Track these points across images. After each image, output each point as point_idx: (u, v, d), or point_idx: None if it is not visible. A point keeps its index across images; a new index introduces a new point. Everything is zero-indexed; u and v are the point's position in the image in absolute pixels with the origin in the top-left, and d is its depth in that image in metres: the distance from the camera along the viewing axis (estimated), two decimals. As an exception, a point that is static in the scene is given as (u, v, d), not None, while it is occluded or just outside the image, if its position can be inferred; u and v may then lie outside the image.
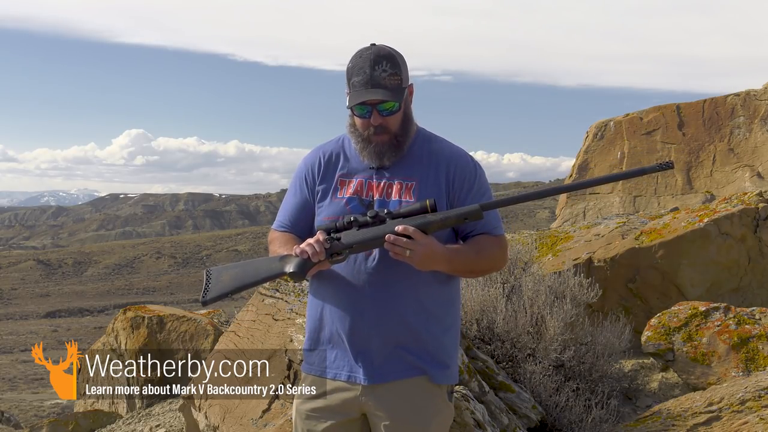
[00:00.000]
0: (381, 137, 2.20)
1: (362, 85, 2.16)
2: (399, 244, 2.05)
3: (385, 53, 2.18)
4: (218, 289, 2.21)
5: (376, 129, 2.19)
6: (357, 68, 2.18)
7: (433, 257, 2.07)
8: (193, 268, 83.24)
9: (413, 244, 2.04)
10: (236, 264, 2.28)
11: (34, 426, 7.66)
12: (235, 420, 3.65)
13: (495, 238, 2.24)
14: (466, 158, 2.28)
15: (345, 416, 2.26)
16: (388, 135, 2.20)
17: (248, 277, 2.23)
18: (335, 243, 2.13)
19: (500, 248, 2.24)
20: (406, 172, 2.24)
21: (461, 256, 2.16)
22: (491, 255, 2.22)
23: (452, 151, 2.29)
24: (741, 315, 4.50)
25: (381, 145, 2.20)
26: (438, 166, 2.24)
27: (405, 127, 2.23)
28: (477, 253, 2.18)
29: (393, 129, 2.21)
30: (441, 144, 2.30)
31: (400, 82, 2.19)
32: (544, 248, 5.99)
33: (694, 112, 10.17)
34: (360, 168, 2.27)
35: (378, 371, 2.20)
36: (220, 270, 2.25)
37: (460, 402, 3.28)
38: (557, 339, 4.16)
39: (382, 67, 2.16)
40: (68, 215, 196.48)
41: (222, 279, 2.21)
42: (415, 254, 2.05)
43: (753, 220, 5.47)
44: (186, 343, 7.06)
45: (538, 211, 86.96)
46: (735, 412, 3.58)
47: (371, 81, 2.15)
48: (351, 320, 2.20)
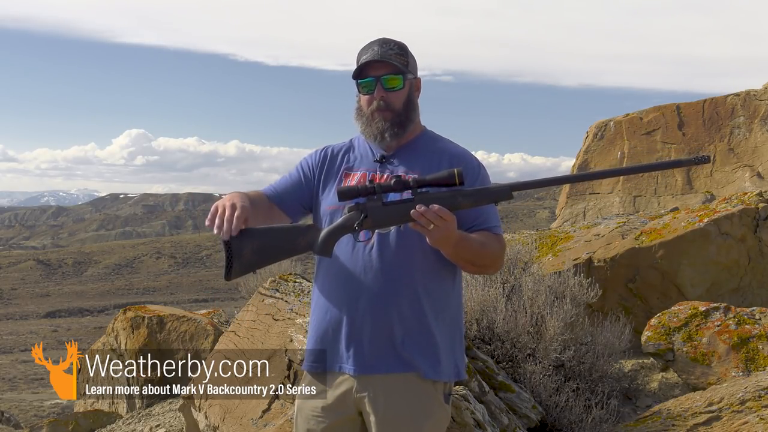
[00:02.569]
0: (384, 113, 2.25)
1: (368, 61, 2.24)
2: (428, 216, 2.02)
3: (393, 40, 2.30)
4: (241, 266, 2.12)
5: (380, 104, 2.25)
6: (365, 49, 2.28)
7: (449, 239, 2.07)
8: (193, 268, 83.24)
9: (441, 221, 2.02)
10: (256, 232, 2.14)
11: (34, 426, 7.66)
12: (235, 420, 3.65)
13: (496, 236, 2.24)
14: (470, 158, 2.32)
15: (343, 414, 2.27)
16: (391, 112, 2.26)
17: (272, 252, 2.15)
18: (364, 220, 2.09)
19: (501, 247, 2.25)
20: (409, 164, 2.27)
21: (469, 242, 2.15)
22: (493, 251, 2.22)
23: (457, 150, 2.33)
24: (741, 315, 4.50)
25: (384, 121, 2.25)
26: (441, 161, 2.27)
27: (408, 110, 2.28)
28: (482, 245, 2.18)
29: (396, 107, 2.26)
30: (446, 144, 2.35)
31: (407, 64, 2.27)
32: (544, 248, 6.00)
33: (694, 112, 10.17)
34: (365, 162, 2.32)
35: (367, 362, 2.20)
36: (240, 243, 2.11)
37: (460, 402, 3.28)
38: (557, 339, 4.16)
39: (389, 46, 2.27)
40: (68, 215, 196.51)
41: (244, 254, 2.12)
42: (437, 230, 2.03)
43: (753, 220, 5.47)
44: (186, 343, 7.06)
45: (538, 211, 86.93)
46: (735, 412, 3.58)
47: (378, 55, 2.24)
48: (347, 309, 2.21)
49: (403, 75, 2.26)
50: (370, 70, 2.25)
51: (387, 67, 2.24)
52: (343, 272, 2.23)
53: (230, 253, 2.10)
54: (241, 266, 2.11)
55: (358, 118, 2.32)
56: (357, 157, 2.35)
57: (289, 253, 2.18)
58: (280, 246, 2.16)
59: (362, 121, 2.30)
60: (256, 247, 2.13)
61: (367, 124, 2.29)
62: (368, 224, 2.11)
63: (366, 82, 2.26)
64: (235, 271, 2.11)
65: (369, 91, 2.26)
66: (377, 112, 2.26)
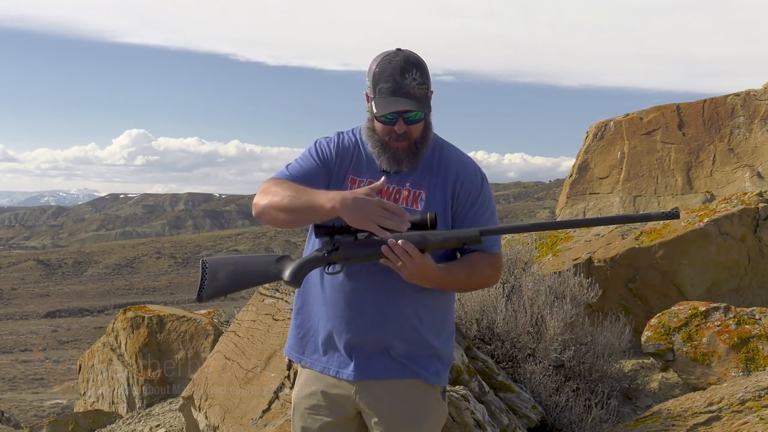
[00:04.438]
0: (401, 143, 2.19)
1: (391, 93, 2.13)
2: (395, 252, 2.03)
3: (413, 60, 2.16)
4: (214, 288, 2.19)
5: (399, 136, 2.18)
6: (386, 75, 2.14)
7: (423, 276, 2.07)
8: (193, 268, 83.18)
9: (408, 258, 2.03)
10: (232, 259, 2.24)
11: (34, 426, 7.66)
12: (235, 420, 3.65)
13: (490, 256, 2.23)
14: (475, 170, 2.29)
15: (341, 414, 2.27)
16: (408, 142, 2.20)
17: (244, 278, 2.22)
18: (333, 253, 2.12)
19: (493, 268, 2.24)
20: (416, 179, 2.24)
21: (451, 277, 2.16)
22: (482, 276, 2.22)
23: (462, 161, 2.29)
24: (741, 315, 4.50)
25: (400, 151, 2.20)
26: (447, 175, 2.25)
27: (425, 135, 2.23)
28: (468, 275, 2.19)
29: (414, 137, 2.20)
30: (452, 153, 2.30)
31: (427, 91, 2.19)
32: (544, 248, 6.00)
33: (694, 112, 10.16)
34: (372, 169, 2.26)
35: (367, 369, 2.20)
36: (216, 265, 2.21)
37: (460, 402, 3.28)
38: (557, 339, 4.16)
39: (412, 75, 2.14)
40: (68, 215, 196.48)
41: (218, 277, 2.20)
42: (405, 268, 2.04)
43: (753, 220, 5.47)
44: (186, 343, 7.06)
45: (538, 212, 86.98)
46: (735, 412, 3.58)
47: (401, 90, 2.13)
48: (347, 320, 2.20)
49: (426, 108, 2.17)
50: (393, 104, 2.13)
51: (411, 102, 2.13)
52: (340, 281, 2.22)
53: (204, 275, 2.19)
54: (214, 288, 2.18)
55: (370, 137, 2.24)
56: (364, 161, 2.28)
57: (261, 280, 2.25)
58: (253, 273, 2.22)
59: (376, 144, 2.22)
60: (230, 272, 2.20)
61: (381, 151, 2.21)
62: (338, 257, 2.13)
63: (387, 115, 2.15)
64: (207, 292, 2.18)
65: (389, 123, 2.17)
66: (394, 143, 2.19)
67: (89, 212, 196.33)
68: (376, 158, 2.24)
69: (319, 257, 2.14)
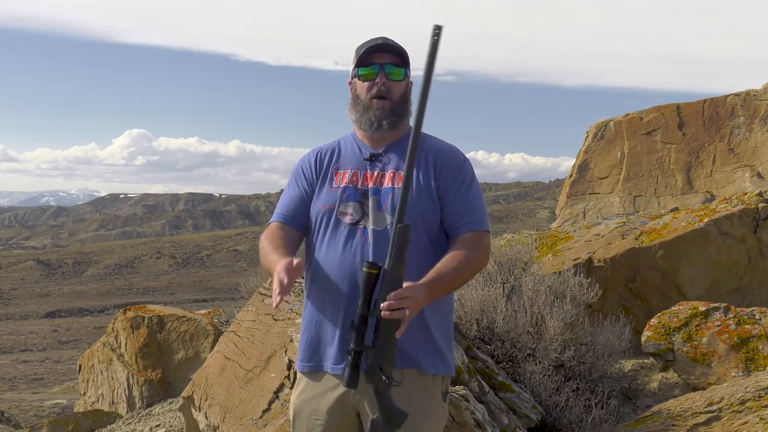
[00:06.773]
0: (382, 102, 2.29)
1: (371, 52, 2.30)
2: (397, 307, 2.01)
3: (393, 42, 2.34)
4: None
5: (380, 90, 2.28)
6: (367, 42, 2.33)
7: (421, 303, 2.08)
8: (193, 268, 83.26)
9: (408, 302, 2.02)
10: None
11: (34, 426, 7.67)
12: (235, 420, 3.65)
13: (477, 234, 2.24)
14: (456, 153, 2.36)
15: (342, 416, 2.26)
16: (390, 102, 2.30)
17: None
18: (375, 376, 2.05)
19: (478, 248, 2.24)
20: (398, 162, 2.29)
21: (442, 285, 2.16)
22: (470, 266, 2.22)
23: (444, 147, 2.37)
24: (741, 315, 4.50)
25: (381, 110, 2.29)
26: (428, 156, 2.31)
27: (403, 103, 2.33)
28: (455, 274, 2.18)
29: (395, 96, 2.30)
30: (434, 141, 2.38)
31: (407, 60, 2.33)
32: (544, 248, 5.99)
33: (694, 112, 10.16)
34: (354, 160, 2.34)
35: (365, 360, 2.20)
36: None
37: (460, 402, 3.28)
38: (557, 339, 4.16)
39: (392, 41, 2.33)
40: (68, 215, 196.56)
41: None
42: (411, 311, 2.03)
43: (753, 220, 5.47)
44: (186, 343, 7.06)
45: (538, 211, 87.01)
46: (735, 412, 3.58)
47: (383, 45, 2.30)
48: (343, 311, 2.20)
49: (405, 69, 2.31)
50: (374, 58, 2.29)
51: (391, 56, 2.29)
52: (339, 273, 2.23)
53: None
54: None
55: (353, 107, 2.34)
56: (345, 156, 2.37)
57: None
58: None
59: (358, 109, 2.33)
60: None
61: (363, 112, 2.31)
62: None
63: (369, 68, 2.29)
64: None
65: (370, 78, 2.29)
66: (376, 100, 2.29)
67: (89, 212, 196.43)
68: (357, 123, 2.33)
69: None
